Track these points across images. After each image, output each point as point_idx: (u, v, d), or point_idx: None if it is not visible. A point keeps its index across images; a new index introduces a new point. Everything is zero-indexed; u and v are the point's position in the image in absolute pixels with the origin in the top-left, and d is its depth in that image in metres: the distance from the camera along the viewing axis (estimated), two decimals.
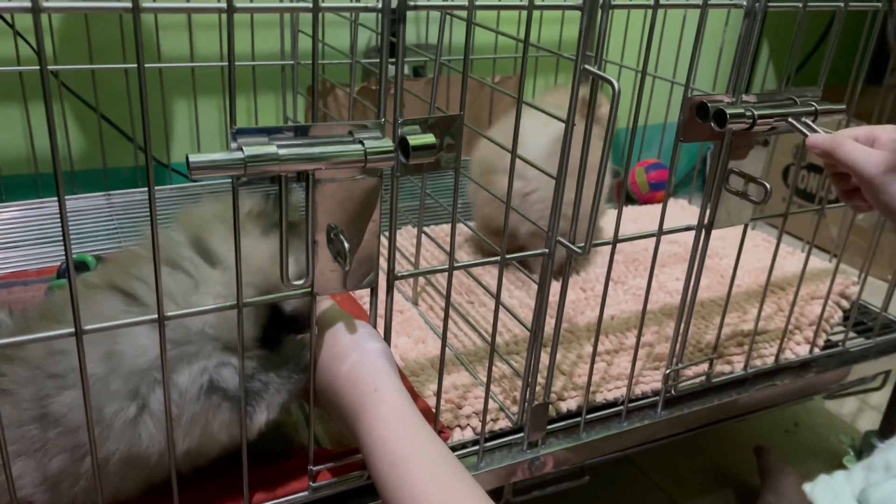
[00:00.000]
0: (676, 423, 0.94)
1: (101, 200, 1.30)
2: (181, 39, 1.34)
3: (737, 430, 1.22)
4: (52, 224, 1.22)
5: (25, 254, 1.13)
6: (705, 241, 0.84)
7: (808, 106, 0.80)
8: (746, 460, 1.14)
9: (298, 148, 0.55)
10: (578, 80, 0.68)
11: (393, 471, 0.59)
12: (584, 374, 0.91)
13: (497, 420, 0.86)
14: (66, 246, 0.51)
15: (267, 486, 0.71)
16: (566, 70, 1.65)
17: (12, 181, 1.30)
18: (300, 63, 1.41)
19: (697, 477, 1.17)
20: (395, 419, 0.62)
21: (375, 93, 1.39)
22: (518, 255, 0.75)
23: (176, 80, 1.38)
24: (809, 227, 1.32)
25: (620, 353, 0.99)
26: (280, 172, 0.55)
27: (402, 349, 0.96)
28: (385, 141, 0.59)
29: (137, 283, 0.63)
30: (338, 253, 0.62)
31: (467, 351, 0.97)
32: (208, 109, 1.45)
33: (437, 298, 1.09)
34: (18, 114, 1.29)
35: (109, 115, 1.36)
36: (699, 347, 1.01)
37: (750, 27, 0.76)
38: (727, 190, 0.82)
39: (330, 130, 0.58)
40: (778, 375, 1.02)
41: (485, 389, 0.79)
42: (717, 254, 1.26)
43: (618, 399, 0.92)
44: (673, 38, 1.38)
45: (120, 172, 1.38)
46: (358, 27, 1.14)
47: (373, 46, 1.59)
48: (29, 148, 1.29)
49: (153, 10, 0.50)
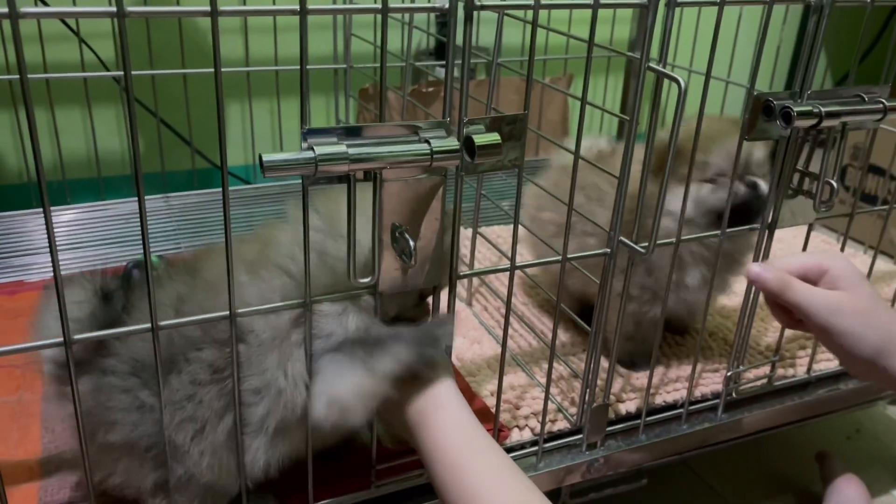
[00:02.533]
0: (736, 426, 0.93)
1: (161, 202, 1.33)
2: (236, 43, 1.36)
3: (797, 435, 1.19)
4: (114, 225, 1.25)
5: (90, 254, 1.16)
6: (768, 241, 0.83)
7: (876, 103, 0.78)
8: (807, 466, 1.11)
9: (367, 147, 0.56)
10: (642, 78, 0.68)
11: (454, 476, 0.60)
12: (643, 375, 0.90)
13: (555, 421, 0.85)
14: (145, 242, 0.52)
15: (329, 484, 0.72)
16: (617, 70, 1.64)
17: (75, 184, 1.34)
18: (353, 66, 1.43)
19: (756, 483, 1.14)
20: (455, 427, 0.62)
21: (426, 95, 1.40)
22: (579, 255, 0.75)
23: (229, 83, 1.40)
24: (869, 229, 1.29)
25: (679, 355, 0.97)
26: (349, 171, 0.56)
27: (457, 350, 0.96)
28: (451, 140, 0.59)
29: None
30: (402, 251, 0.62)
31: (523, 352, 0.97)
32: (260, 112, 1.47)
33: (490, 299, 1.09)
34: (80, 118, 1.33)
35: (168, 120, 1.40)
36: (759, 350, 0.99)
37: (817, 23, 0.74)
38: (792, 189, 0.80)
39: (396, 130, 0.59)
40: (842, 379, 1.00)
41: (544, 390, 0.79)
42: (774, 255, 1.24)
43: (677, 401, 0.91)
44: (728, 36, 1.36)
45: (177, 175, 1.41)
46: (412, 29, 1.15)
47: (423, 49, 1.60)
48: (92, 151, 1.33)
49: (142, 14, 0.50)
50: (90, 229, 1.24)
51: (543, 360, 0.94)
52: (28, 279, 1.08)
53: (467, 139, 0.61)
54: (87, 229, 1.24)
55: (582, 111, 0.68)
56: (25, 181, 1.31)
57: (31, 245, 1.18)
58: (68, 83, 1.29)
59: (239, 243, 0.64)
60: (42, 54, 1.24)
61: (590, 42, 0.65)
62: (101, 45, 1.32)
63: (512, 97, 1.45)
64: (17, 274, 1.10)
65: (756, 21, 0.87)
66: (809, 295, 0.69)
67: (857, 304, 0.68)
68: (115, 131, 1.39)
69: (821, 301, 0.68)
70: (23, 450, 0.74)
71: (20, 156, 1.30)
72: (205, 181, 1.43)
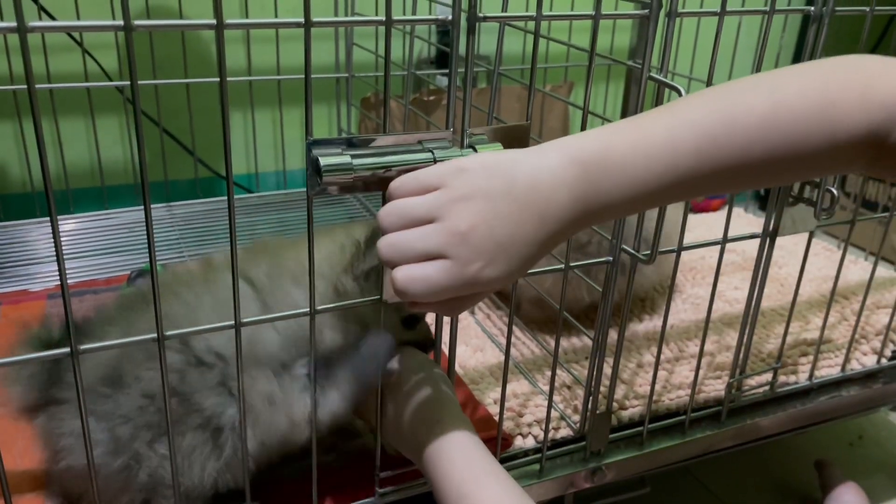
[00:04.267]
0: (739, 433, 0.93)
1: (164, 211, 1.34)
2: (238, 52, 1.37)
3: (800, 442, 1.19)
4: (118, 234, 1.25)
5: (93, 263, 1.16)
6: (770, 249, 0.83)
7: None
8: (809, 473, 1.11)
9: (374, 157, 0.56)
10: (643, 87, 0.68)
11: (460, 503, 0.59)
12: (645, 382, 0.90)
13: (559, 429, 0.86)
14: (151, 251, 0.52)
15: (334, 492, 0.72)
16: (617, 78, 1.64)
17: (79, 193, 1.34)
18: (354, 76, 1.43)
19: (758, 490, 1.15)
20: (459, 454, 0.62)
21: (428, 103, 1.41)
22: (582, 262, 0.75)
23: (231, 93, 1.41)
24: (869, 235, 1.30)
25: (681, 362, 0.98)
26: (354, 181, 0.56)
27: (460, 358, 0.97)
28: (454, 150, 0.60)
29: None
30: None
31: (525, 359, 0.97)
32: (262, 122, 1.47)
33: (492, 307, 1.10)
34: (84, 127, 1.34)
35: (171, 128, 1.40)
36: (761, 357, 0.99)
37: (817, 32, 0.75)
38: (793, 197, 0.81)
39: (401, 140, 0.59)
40: (844, 386, 1.00)
41: (547, 398, 0.79)
42: (775, 262, 1.24)
43: (680, 408, 0.91)
44: (728, 44, 1.37)
45: (180, 184, 1.41)
46: (414, 39, 1.16)
47: (424, 58, 1.61)
48: (95, 160, 1.33)
49: (148, 27, 0.49)
50: (94, 238, 1.24)
51: (546, 367, 0.94)
52: (32, 288, 1.08)
53: (471, 149, 0.61)
54: (91, 238, 1.24)
55: (584, 121, 0.68)
56: (29, 191, 1.32)
57: (36, 254, 1.18)
58: (72, 93, 1.30)
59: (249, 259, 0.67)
60: (45, 65, 1.24)
61: (591, 53, 0.66)
62: (104, 54, 1.33)
63: (514, 105, 1.46)
64: (21, 283, 1.11)
65: (756, 28, 0.88)
66: None
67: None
68: (118, 140, 1.39)
69: None
70: (28, 459, 0.74)
71: (24, 165, 1.30)
72: (207, 190, 1.43)
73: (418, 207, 0.51)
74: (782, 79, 0.52)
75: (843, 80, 0.50)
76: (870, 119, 0.49)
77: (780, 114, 0.50)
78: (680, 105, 0.52)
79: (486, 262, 0.50)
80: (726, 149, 0.50)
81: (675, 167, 0.50)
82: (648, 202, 0.52)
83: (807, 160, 0.51)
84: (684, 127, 0.50)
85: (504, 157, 0.52)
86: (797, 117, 0.50)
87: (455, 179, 0.51)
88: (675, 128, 0.51)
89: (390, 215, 0.52)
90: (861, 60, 0.52)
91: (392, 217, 0.52)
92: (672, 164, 0.50)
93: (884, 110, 0.49)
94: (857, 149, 0.50)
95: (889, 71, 0.50)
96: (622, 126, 0.53)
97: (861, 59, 0.52)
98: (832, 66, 0.52)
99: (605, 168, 0.50)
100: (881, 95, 0.49)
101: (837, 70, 0.52)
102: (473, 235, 0.50)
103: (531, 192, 0.50)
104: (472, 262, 0.50)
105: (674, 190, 0.51)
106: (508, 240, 0.50)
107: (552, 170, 0.51)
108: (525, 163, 0.51)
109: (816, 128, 0.49)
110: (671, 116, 0.52)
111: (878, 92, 0.49)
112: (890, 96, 0.49)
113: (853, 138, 0.50)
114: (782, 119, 0.50)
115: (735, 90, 0.52)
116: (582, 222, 0.52)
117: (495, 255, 0.50)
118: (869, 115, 0.49)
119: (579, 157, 0.51)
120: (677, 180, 0.51)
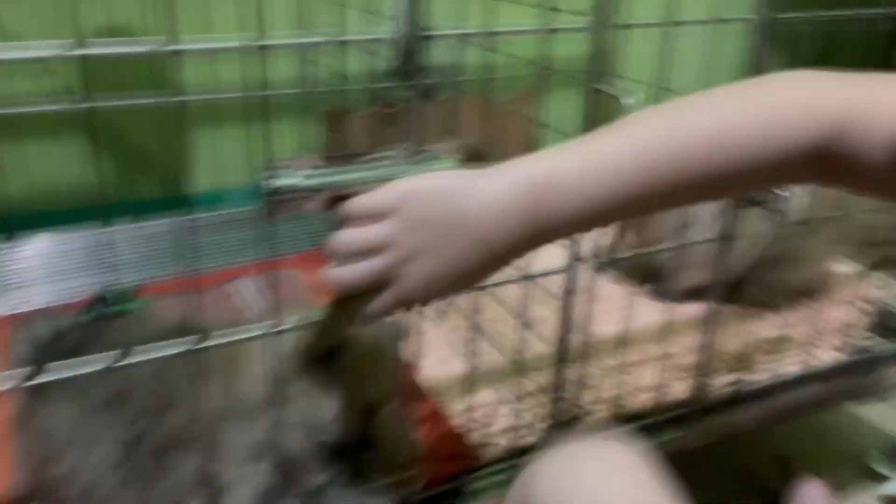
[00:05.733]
0: (705, 433, 0.94)
1: (131, 231, 1.33)
2: (203, 69, 1.36)
3: (765, 438, 1.21)
4: (83, 256, 1.24)
5: (59, 287, 1.15)
6: (726, 252, 0.85)
7: None
8: (775, 467, 1.13)
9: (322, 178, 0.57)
10: (590, 98, 0.69)
11: None
12: (611, 387, 0.91)
13: (526, 437, 0.86)
14: None
15: None
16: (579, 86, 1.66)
17: (42, 216, 1.32)
18: (314, 90, 1.43)
19: (725, 487, 1.16)
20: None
21: (388, 117, 1.42)
22: (540, 273, 0.76)
23: (196, 110, 1.40)
24: None
25: (645, 365, 0.99)
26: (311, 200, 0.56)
27: (425, 369, 0.97)
28: (408, 166, 0.60)
29: None
30: None
31: (492, 369, 0.98)
32: (228, 138, 1.47)
33: (456, 319, 1.10)
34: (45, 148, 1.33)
35: (135, 146, 1.39)
36: (723, 358, 1.01)
37: (761, 40, 0.77)
38: (749, 202, 0.82)
39: (355, 157, 0.60)
40: (806, 383, 1.02)
41: (514, 407, 0.79)
42: None
43: (646, 410, 0.92)
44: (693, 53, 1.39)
45: (144, 204, 1.40)
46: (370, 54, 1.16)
47: (383, 69, 1.61)
48: (57, 181, 1.32)
49: (104, 55, 0.50)
50: (59, 260, 1.23)
51: (513, 376, 0.95)
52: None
53: (426, 164, 0.62)
54: (56, 260, 1.23)
55: (536, 138, 0.69)
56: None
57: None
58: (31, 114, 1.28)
59: None
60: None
61: (542, 66, 0.67)
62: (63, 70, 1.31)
63: (473, 117, 1.47)
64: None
65: (720, 36, 0.89)
66: None
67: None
68: (81, 160, 1.38)
69: None
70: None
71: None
72: (175, 208, 1.42)
73: (368, 241, 0.52)
74: (725, 97, 0.53)
75: (784, 96, 0.52)
76: (812, 134, 0.50)
77: (723, 132, 0.51)
78: (628, 125, 0.54)
79: (427, 285, 0.52)
80: (669, 169, 0.51)
81: (622, 188, 0.51)
82: (599, 222, 0.53)
83: (752, 176, 0.52)
84: (629, 148, 0.52)
85: (455, 183, 0.53)
86: (740, 135, 0.51)
87: (406, 203, 0.52)
88: (620, 149, 0.52)
89: (340, 247, 0.53)
90: (801, 76, 0.53)
91: (342, 248, 0.53)
92: (619, 185, 0.51)
93: (826, 124, 0.50)
94: (802, 162, 0.51)
95: (829, 84, 0.52)
96: (572, 148, 0.53)
97: (801, 74, 0.53)
98: (774, 82, 0.53)
99: (556, 190, 0.51)
100: (822, 109, 0.50)
101: (779, 86, 0.53)
102: (419, 262, 0.51)
103: (480, 217, 0.51)
104: (415, 288, 0.52)
105: (623, 209, 0.52)
106: (451, 266, 0.52)
107: (501, 195, 0.51)
108: (475, 188, 0.52)
109: (760, 144, 0.51)
110: (617, 137, 0.53)
111: (819, 106, 0.51)
112: (832, 110, 0.50)
113: (798, 153, 0.51)
114: (726, 137, 0.51)
115: (680, 110, 0.53)
116: (531, 243, 0.53)
117: (437, 279, 0.52)
118: (811, 129, 0.50)
119: (529, 181, 0.52)
120: (627, 200, 0.52)
